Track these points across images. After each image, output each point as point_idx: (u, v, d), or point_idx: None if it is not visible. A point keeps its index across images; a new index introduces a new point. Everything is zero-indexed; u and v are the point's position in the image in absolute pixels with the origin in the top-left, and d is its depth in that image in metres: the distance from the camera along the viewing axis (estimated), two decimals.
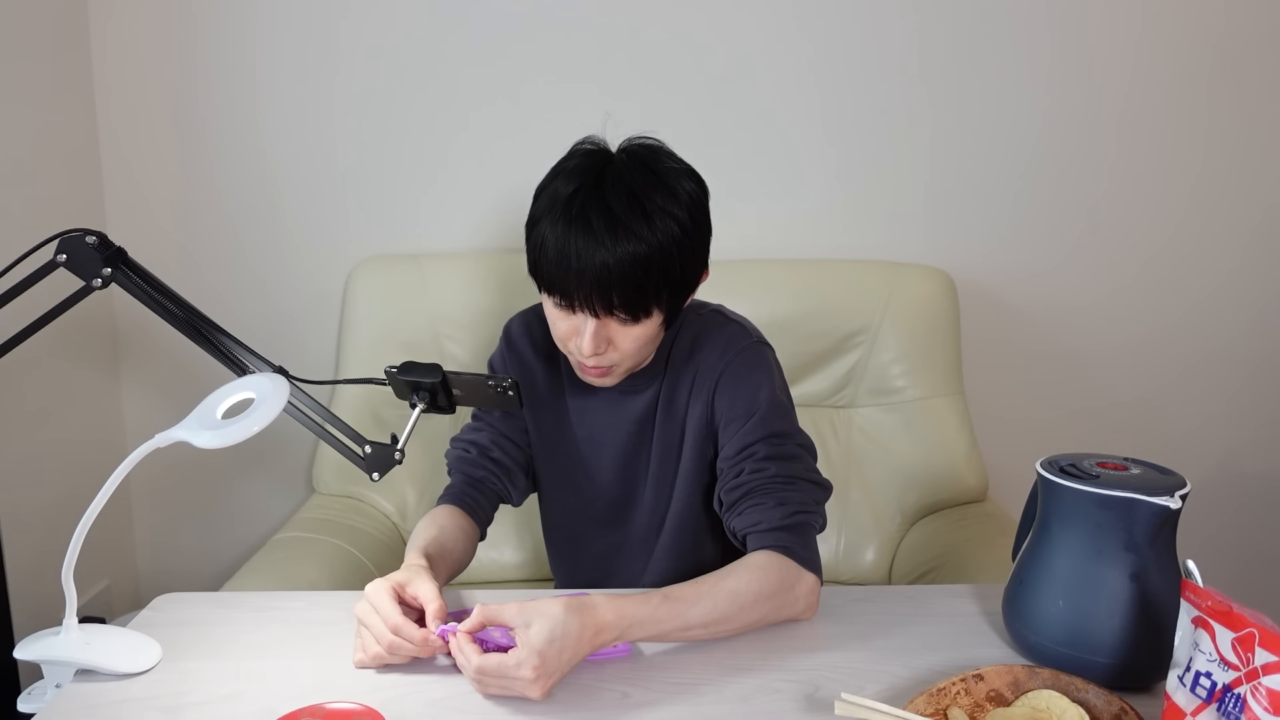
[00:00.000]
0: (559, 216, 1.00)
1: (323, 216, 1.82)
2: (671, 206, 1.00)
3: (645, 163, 1.02)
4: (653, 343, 1.07)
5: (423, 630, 0.91)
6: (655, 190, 1.00)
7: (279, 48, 1.75)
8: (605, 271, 0.97)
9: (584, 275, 0.98)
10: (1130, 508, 0.85)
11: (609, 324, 1.02)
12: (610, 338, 1.03)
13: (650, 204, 0.99)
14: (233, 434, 0.90)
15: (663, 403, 1.14)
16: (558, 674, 0.86)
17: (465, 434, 1.22)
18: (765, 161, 1.81)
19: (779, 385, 1.12)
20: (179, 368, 1.84)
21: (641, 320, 1.02)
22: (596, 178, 1.00)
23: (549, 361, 1.20)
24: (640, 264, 0.98)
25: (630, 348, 1.04)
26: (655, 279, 0.99)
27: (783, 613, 0.99)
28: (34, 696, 0.93)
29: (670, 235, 1.00)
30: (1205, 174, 1.85)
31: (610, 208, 0.98)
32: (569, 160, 1.04)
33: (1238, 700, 0.69)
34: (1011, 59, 1.78)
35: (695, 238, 1.03)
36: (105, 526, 1.80)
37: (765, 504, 1.04)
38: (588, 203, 0.99)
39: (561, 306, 1.02)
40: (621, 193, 0.99)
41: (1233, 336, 1.92)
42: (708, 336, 1.14)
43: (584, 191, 1.00)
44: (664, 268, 1.00)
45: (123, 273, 1.01)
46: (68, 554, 0.90)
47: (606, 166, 1.01)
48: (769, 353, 1.15)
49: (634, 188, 0.99)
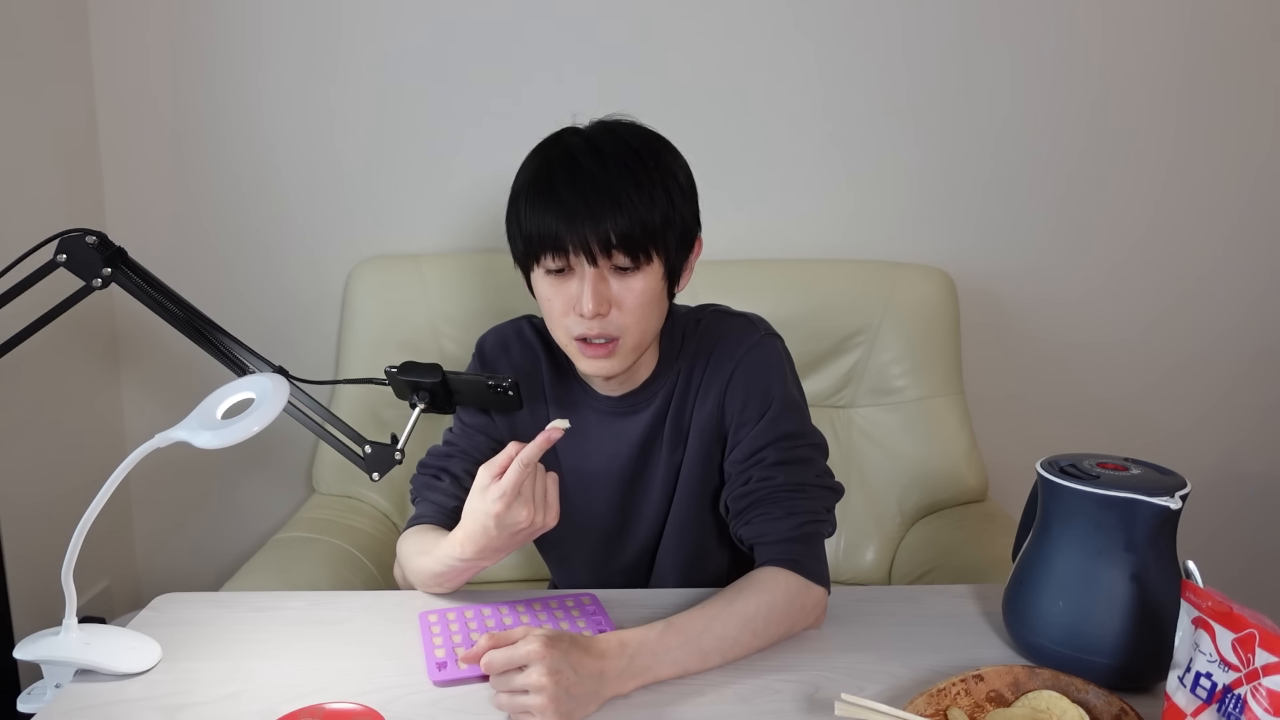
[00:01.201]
0: (540, 170, 0.99)
1: (323, 217, 1.82)
2: (665, 153, 1.00)
3: (627, 123, 1.02)
4: (656, 309, 1.01)
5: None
6: (646, 137, 1.01)
7: (279, 48, 1.75)
8: (610, 196, 0.94)
9: (575, 211, 0.94)
10: (1130, 508, 0.85)
11: (607, 280, 0.97)
12: (610, 297, 0.98)
13: (644, 148, 0.99)
14: (233, 434, 0.90)
15: (671, 414, 1.10)
16: (566, 667, 0.82)
17: (433, 460, 1.14)
18: (765, 161, 1.81)
19: (791, 381, 1.09)
20: (179, 368, 1.84)
21: (642, 266, 0.97)
22: (585, 134, 1.00)
23: (530, 382, 1.14)
24: (643, 192, 0.95)
25: (633, 306, 0.98)
26: (659, 211, 0.96)
27: (793, 631, 0.98)
28: (34, 696, 0.93)
29: (669, 173, 0.98)
30: (1206, 172, 1.85)
31: (600, 150, 0.97)
32: (548, 138, 1.04)
33: (1238, 701, 0.69)
34: (1011, 58, 1.78)
35: (688, 187, 1.02)
36: (105, 526, 1.80)
37: (773, 514, 1.01)
38: (580, 148, 0.98)
39: (554, 272, 0.98)
40: (612, 140, 0.98)
41: (1233, 336, 1.92)
42: (713, 335, 1.10)
43: (574, 142, 0.99)
44: (668, 201, 0.97)
45: (122, 272, 1.01)
46: (68, 554, 0.90)
47: (586, 131, 1.01)
48: (780, 345, 1.11)
49: (624, 135, 0.99)
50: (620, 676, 0.87)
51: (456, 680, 0.90)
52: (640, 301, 0.99)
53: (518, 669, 0.83)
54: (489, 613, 1.02)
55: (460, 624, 1.00)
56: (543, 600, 1.06)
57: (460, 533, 0.96)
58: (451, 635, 0.97)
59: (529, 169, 1.02)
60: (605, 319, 0.98)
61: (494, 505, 0.89)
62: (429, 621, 1.00)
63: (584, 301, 0.96)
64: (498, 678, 0.84)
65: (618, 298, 0.98)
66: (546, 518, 0.92)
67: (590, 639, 0.87)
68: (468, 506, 0.94)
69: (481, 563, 0.97)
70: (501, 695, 0.84)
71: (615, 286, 0.98)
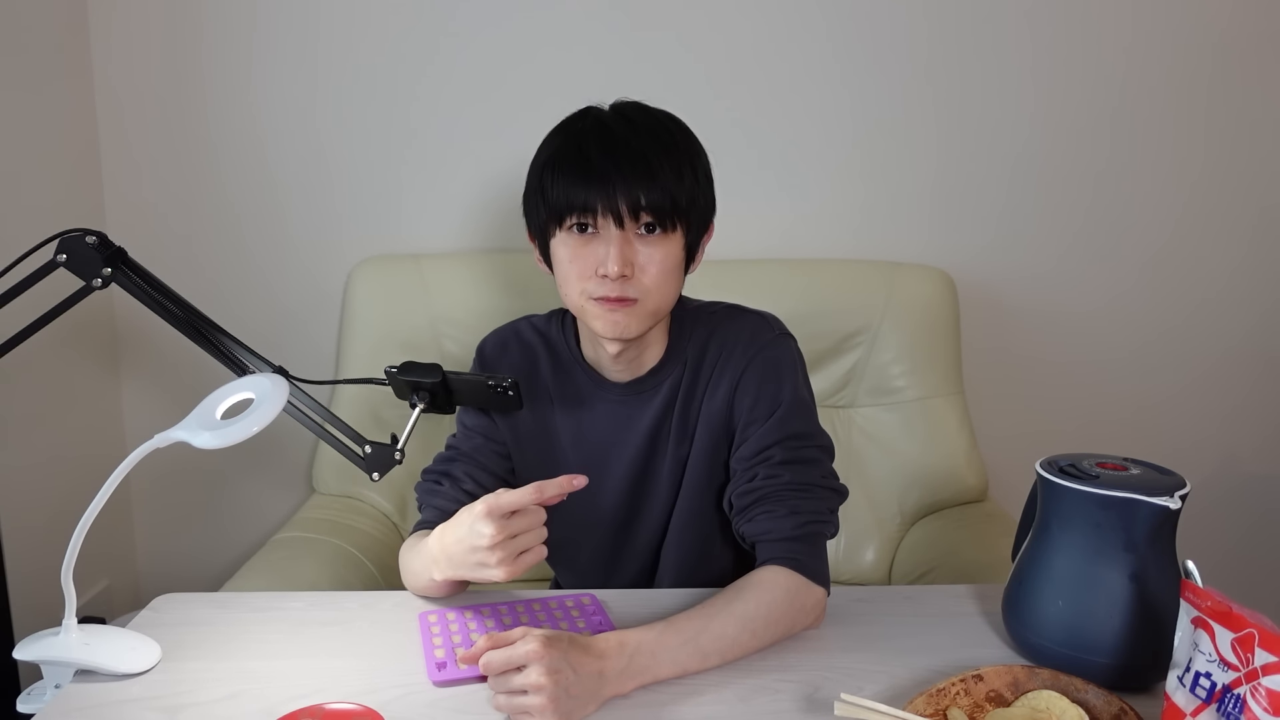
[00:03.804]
0: (568, 140, 1.02)
1: (323, 216, 1.82)
2: (685, 129, 1.05)
3: (646, 107, 1.06)
4: (674, 282, 1.03)
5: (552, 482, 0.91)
6: (669, 118, 1.05)
7: (279, 47, 1.75)
8: (634, 161, 0.97)
9: (608, 175, 0.97)
10: (1130, 508, 0.85)
11: (633, 243, 1.00)
12: (634, 260, 1.00)
13: (669, 123, 1.04)
14: (232, 434, 0.90)
15: (679, 406, 1.11)
16: (565, 667, 0.82)
17: (436, 465, 1.15)
18: (765, 161, 1.81)
19: (802, 382, 1.10)
20: (179, 368, 1.84)
21: (667, 233, 1.00)
22: (598, 110, 1.05)
23: (530, 382, 1.14)
24: (666, 155, 0.99)
25: (655, 272, 1.00)
26: (680, 182, 0.99)
27: (793, 630, 0.98)
28: (33, 697, 0.93)
29: (692, 147, 1.03)
30: (1205, 174, 1.85)
31: (629, 118, 1.02)
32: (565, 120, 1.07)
33: (1237, 701, 0.69)
34: (1012, 58, 1.78)
35: (707, 168, 1.06)
36: (105, 526, 1.80)
37: (777, 512, 1.01)
38: (602, 117, 1.03)
39: (578, 230, 1.00)
40: (635, 114, 1.03)
41: (1233, 335, 1.92)
42: (726, 330, 1.10)
43: (591, 113, 1.04)
44: (690, 172, 1.01)
45: (123, 273, 1.01)
46: (67, 554, 0.90)
47: (605, 110, 1.05)
48: (793, 345, 1.11)
49: (646, 112, 1.04)
50: (619, 676, 0.87)
51: (456, 680, 0.90)
52: (662, 268, 1.01)
53: (516, 669, 0.83)
54: (488, 613, 1.02)
55: (460, 624, 1.00)
56: (542, 600, 1.06)
57: (436, 547, 0.98)
58: (451, 635, 0.97)
59: (554, 142, 1.04)
60: (628, 281, 1.00)
61: (479, 507, 0.91)
62: (429, 622, 1.00)
63: (609, 262, 0.98)
64: (496, 678, 0.84)
65: (641, 263, 1.00)
66: (502, 560, 0.90)
67: (589, 639, 0.87)
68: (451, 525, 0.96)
69: (454, 583, 1.01)
70: (500, 696, 0.84)
71: (640, 251, 1.00)
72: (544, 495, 0.90)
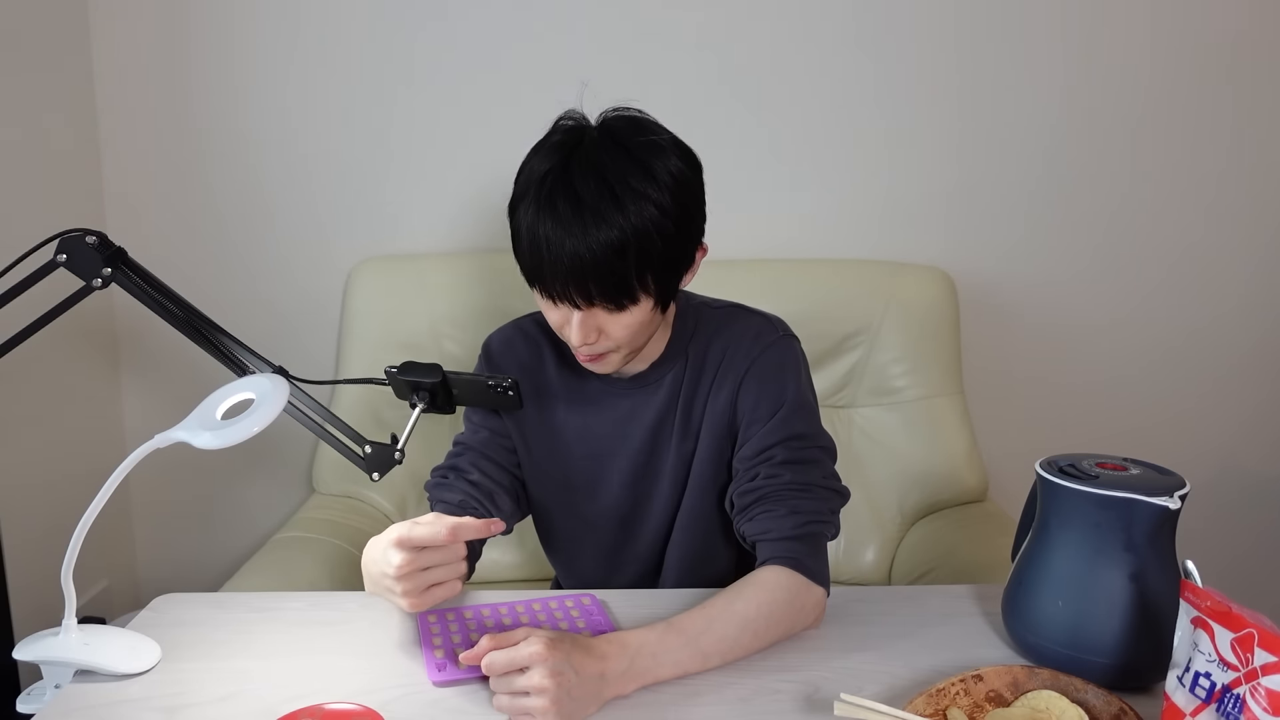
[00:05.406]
0: (530, 201, 0.96)
1: (322, 217, 1.82)
2: (647, 188, 0.94)
3: (620, 140, 0.97)
4: (649, 326, 1.02)
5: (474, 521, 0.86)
6: (628, 171, 0.94)
7: (279, 47, 1.75)
8: (578, 261, 0.92)
9: (558, 266, 0.93)
10: (1129, 508, 0.85)
11: (596, 313, 0.98)
12: (600, 326, 0.99)
13: (621, 186, 0.93)
14: (233, 434, 0.90)
15: (683, 403, 1.11)
16: (568, 669, 0.82)
17: (445, 461, 1.15)
18: (765, 161, 1.81)
19: (805, 383, 1.10)
20: (179, 368, 1.84)
21: (628, 308, 0.97)
22: (566, 158, 0.95)
23: (535, 378, 1.15)
24: (615, 251, 0.92)
25: (623, 335, 1.00)
26: (634, 265, 0.94)
27: (793, 631, 0.98)
28: (33, 697, 0.93)
29: (647, 218, 0.93)
30: (1206, 171, 1.84)
31: (577, 193, 0.92)
32: (549, 136, 1.00)
33: (1237, 701, 0.69)
34: (1008, 59, 1.78)
35: (678, 217, 0.96)
36: (105, 527, 1.80)
37: (777, 511, 1.01)
38: (555, 187, 0.94)
39: (545, 296, 0.99)
40: (589, 176, 0.93)
41: (1234, 337, 1.92)
42: (730, 330, 1.10)
43: (554, 174, 0.94)
44: (643, 252, 0.94)
45: (123, 273, 1.01)
46: (67, 554, 0.90)
47: (576, 148, 0.96)
48: (796, 346, 1.11)
49: (604, 170, 0.93)
50: (621, 678, 0.87)
51: (456, 680, 0.90)
52: (631, 332, 1.00)
53: (519, 670, 0.83)
54: (489, 613, 1.02)
55: (460, 624, 1.00)
56: (542, 600, 1.06)
57: (364, 560, 0.97)
58: (451, 636, 0.97)
59: (524, 187, 0.99)
60: (598, 342, 1.00)
61: (392, 534, 0.87)
62: (429, 622, 1.00)
63: (573, 335, 0.99)
64: (499, 679, 0.84)
65: (607, 328, 0.99)
66: (408, 591, 0.87)
67: (591, 640, 0.87)
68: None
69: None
70: (502, 696, 0.84)
71: (604, 318, 0.99)
72: (458, 536, 0.86)
